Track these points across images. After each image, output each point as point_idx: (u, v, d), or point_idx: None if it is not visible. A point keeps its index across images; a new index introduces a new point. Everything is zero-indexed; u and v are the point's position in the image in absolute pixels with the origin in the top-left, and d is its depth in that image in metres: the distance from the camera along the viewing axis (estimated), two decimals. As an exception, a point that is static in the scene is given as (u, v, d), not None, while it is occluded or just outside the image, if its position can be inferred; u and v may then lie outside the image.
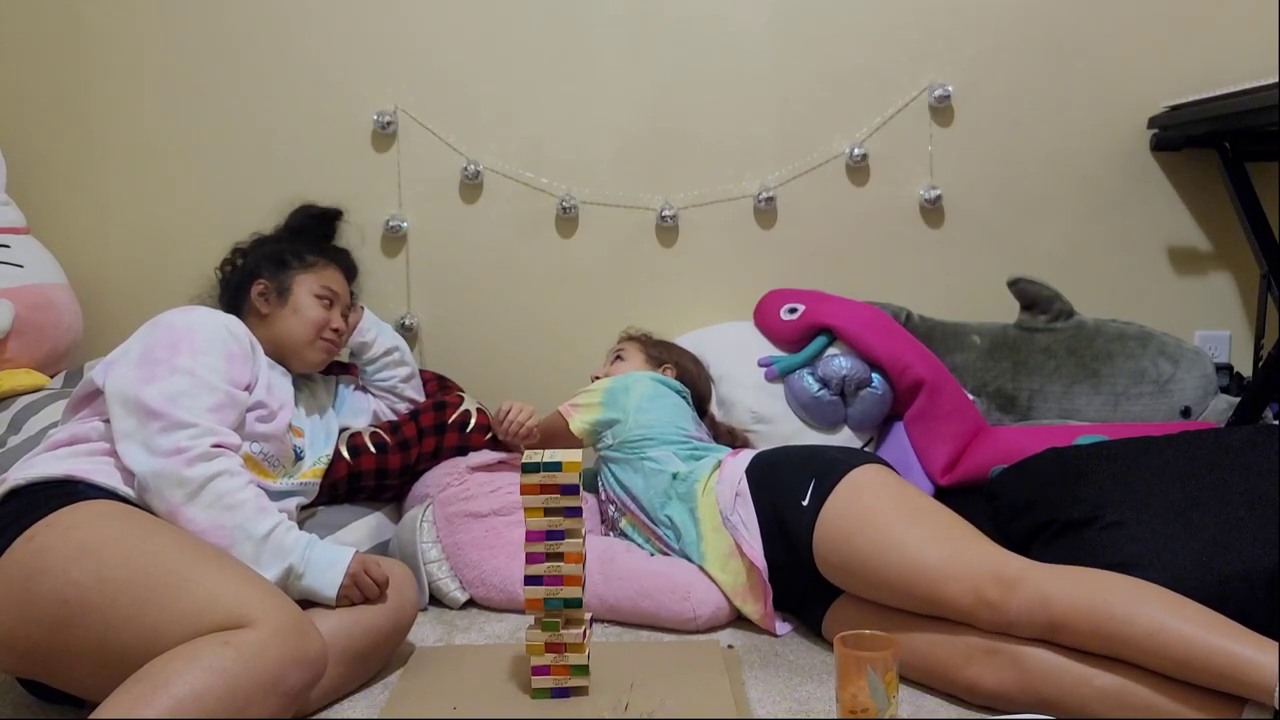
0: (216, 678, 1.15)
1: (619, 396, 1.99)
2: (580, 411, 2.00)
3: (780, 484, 1.67)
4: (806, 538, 1.58)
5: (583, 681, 1.41)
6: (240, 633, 1.20)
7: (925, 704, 1.44)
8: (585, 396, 2.02)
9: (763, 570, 1.67)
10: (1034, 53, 2.41)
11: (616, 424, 1.96)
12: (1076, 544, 1.54)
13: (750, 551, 1.68)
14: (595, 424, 1.98)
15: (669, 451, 1.90)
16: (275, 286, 1.80)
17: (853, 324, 2.17)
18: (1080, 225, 2.46)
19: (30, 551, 1.27)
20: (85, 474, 1.41)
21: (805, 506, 1.59)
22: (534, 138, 2.42)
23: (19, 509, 1.34)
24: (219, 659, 1.16)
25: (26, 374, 2.07)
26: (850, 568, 1.53)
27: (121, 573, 1.24)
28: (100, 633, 1.22)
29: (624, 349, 2.18)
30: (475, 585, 1.84)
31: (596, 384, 2.05)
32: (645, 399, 1.98)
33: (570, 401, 2.02)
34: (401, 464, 1.95)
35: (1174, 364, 2.23)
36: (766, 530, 1.68)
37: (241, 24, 2.37)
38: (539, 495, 1.37)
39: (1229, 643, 1.22)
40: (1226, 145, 2.31)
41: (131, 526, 1.31)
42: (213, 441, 1.45)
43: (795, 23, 2.40)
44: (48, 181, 2.39)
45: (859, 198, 2.45)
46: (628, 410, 1.96)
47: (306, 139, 2.40)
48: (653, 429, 1.93)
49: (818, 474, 1.62)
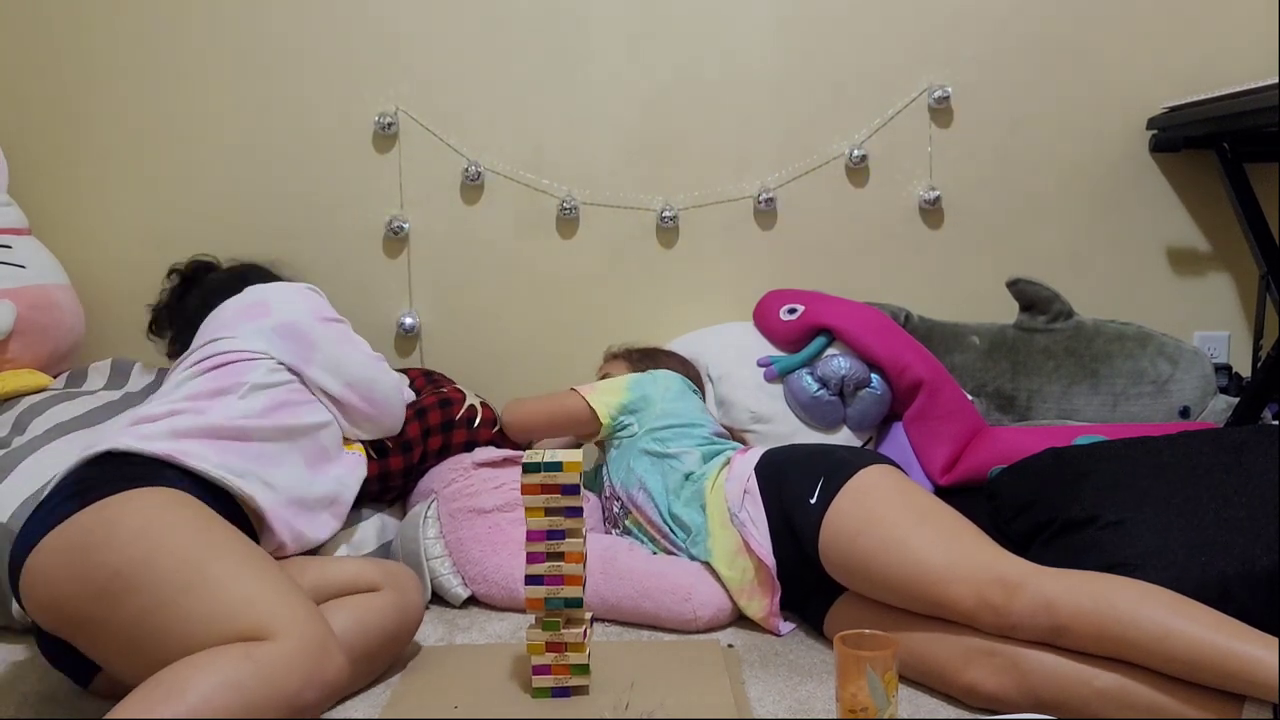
0: (231, 692, 1.16)
1: (646, 385, 1.98)
2: (602, 394, 1.96)
3: (788, 481, 1.68)
4: (813, 536, 1.59)
5: (583, 681, 1.41)
6: (263, 646, 1.21)
7: (925, 704, 1.44)
8: (606, 383, 2.00)
9: (771, 568, 1.67)
10: (1033, 54, 2.42)
11: (641, 411, 1.95)
12: (1075, 544, 1.55)
13: (758, 548, 1.68)
14: (621, 407, 1.95)
15: (691, 444, 1.89)
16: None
17: (852, 324, 2.17)
18: (1079, 226, 2.47)
19: (98, 520, 1.31)
20: (183, 455, 1.45)
21: (813, 505, 1.61)
22: (535, 139, 2.42)
23: (104, 475, 1.39)
24: (237, 672, 1.17)
25: (30, 374, 2.07)
26: (855, 567, 1.54)
27: (169, 560, 1.27)
28: (137, 613, 1.25)
29: (610, 370, 2.17)
30: (477, 582, 1.85)
31: (614, 378, 2.03)
32: (672, 390, 1.99)
33: (586, 387, 1.99)
34: (404, 465, 1.95)
35: (1173, 364, 2.23)
36: (774, 527, 1.69)
37: (243, 25, 2.38)
38: (540, 495, 1.38)
39: (1235, 642, 1.22)
40: (1225, 146, 2.32)
41: (194, 520, 1.35)
42: None
43: (795, 24, 2.41)
44: (50, 182, 2.40)
45: (858, 199, 2.46)
46: (653, 399, 1.96)
47: (308, 140, 2.41)
48: (681, 417, 1.93)
49: (826, 473, 1.63)
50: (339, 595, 1.48)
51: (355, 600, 1.47)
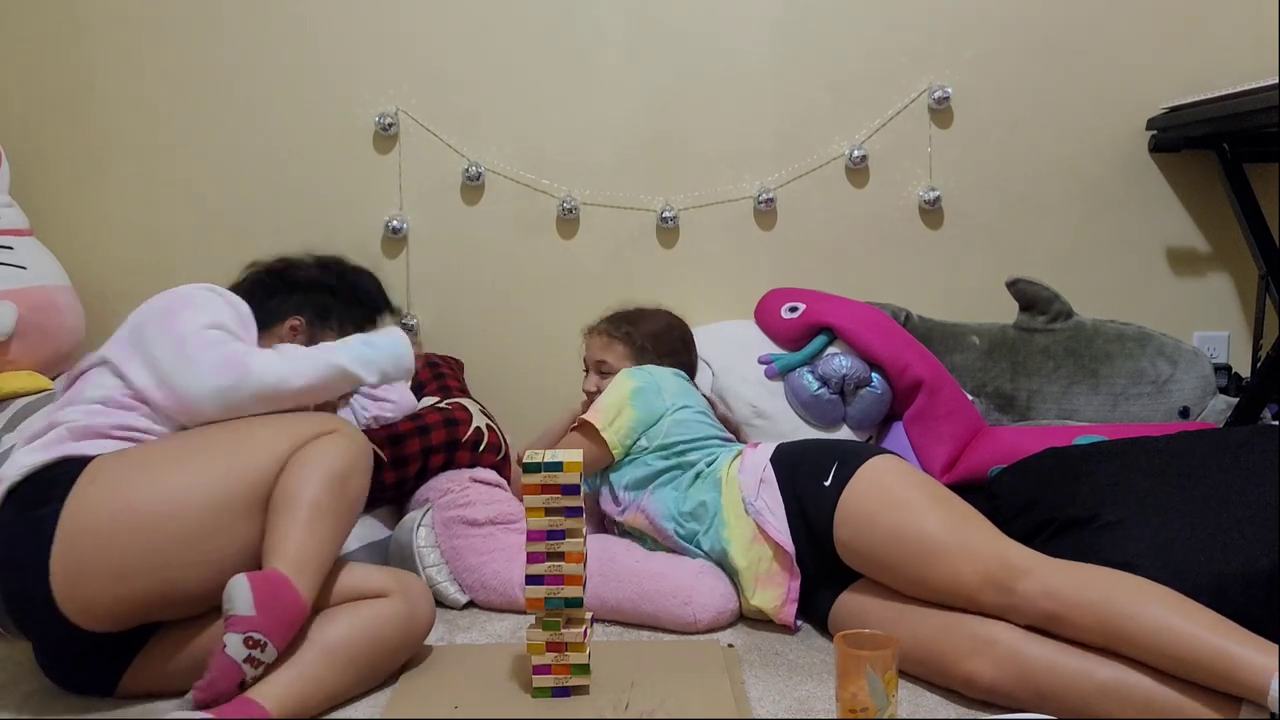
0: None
1: (651, 399, 1.90)
2: (610, 422, 1.87)
3: (802, 468, 1.72)
4: (828, 517, 1.62)
5: (583, 681, 1.42)
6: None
7: (925, 703, 1.44)
8: (610, 405, 1.88)
9: (791, 552, 1.68)
10: (1033, 54, 2.42)
11: (651, 427, 1.88)
12: (1075, 543, 1.55)
13: (776, 534, 1.70)
14: (630, 431, 1.87)
15: (700, 455, 1.86)
16: (306, 333, 1.83)
17: (853, 323, 2.17)
18: (1079, 226, 2.47)
19: (87, 506, 1.38)
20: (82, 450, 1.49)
21: (828, 486, 1.65)
22: (535, 139, 2.42)
23: (37, 492, 1.41)
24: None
25: (29, 376, 2.07)
26: (866, 547, 1.57)
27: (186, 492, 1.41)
28: (174, 534, 1.39)
29: (604, 360, 2.04)
30: (475, 589, 1.85)
31: (616, 391, 1.91)
32: (678, 396, 1.92)
33: (586, 417, 1.88)
34: (396, 479, 1.93)
35: (1172, 364, 2.23)
36: (789, 515, 1.71)
37: (243, 26, 2.38)
38: (540, 495, 1.38)
39: (1229, 644, 1.24)
40: (1225, 146, 2.32)
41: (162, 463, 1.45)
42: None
43: (795, 24, 2.41)
44: (51, 183, 2.40)
45: (859, 199, 2.46)
46: (658, 410, 1.89)
47: (308, 140, 2.41)
48: (689, 431, 1.88)
49: (841, 458, 1.68)
50: (348, 600, 1.47)
51: (365, 606, 1.47)
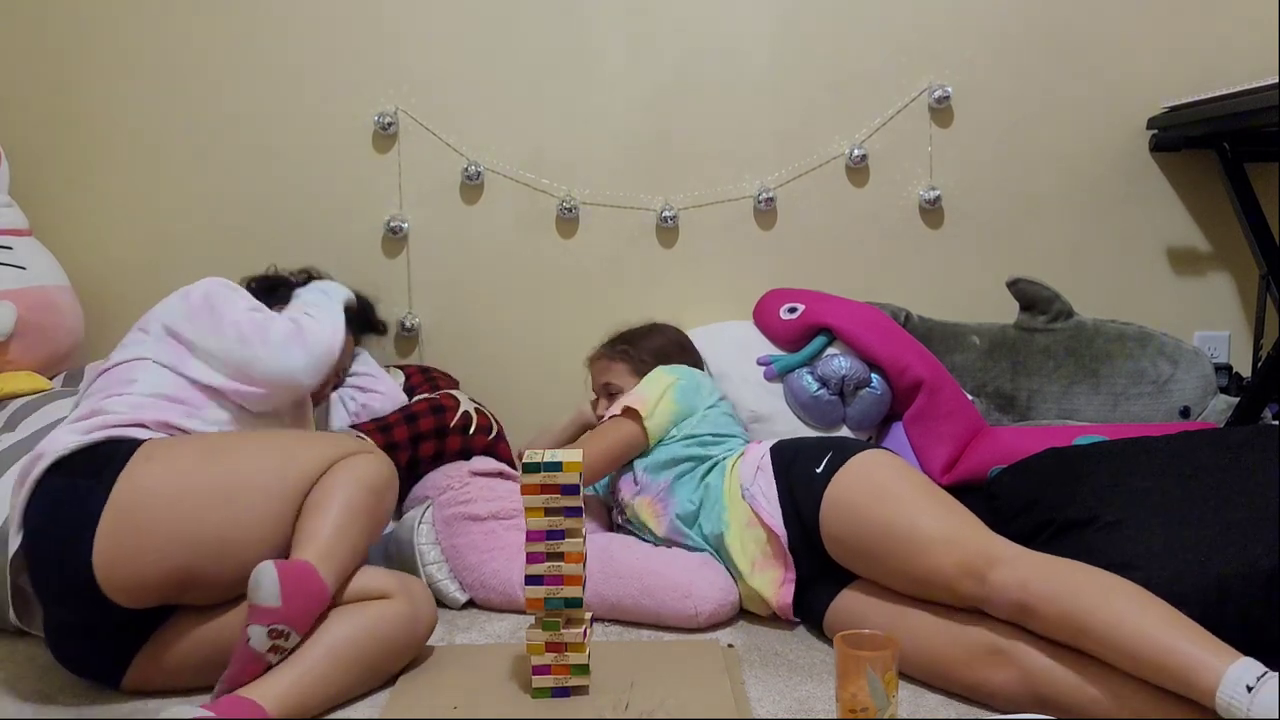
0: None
1: (690, 394, 1.97)
2: (652, 412, 1.92)
3: (798, 459, 1.74)
4: (815, 503, 1.63)
5: (583, 681, 1.42)
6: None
7: (925, 703, 1.44)
8: (650, 392, 1.95)
9: (782, 536, 1.69)
10: (1033, 53, 2.42)
11: (685, 420, 1.95)
12: (1075, 544, 1.55)
13: (768, 518, 1.71)
14: (670, 422, 1.94)
15: (722, 448, 1.91)
16: None
17: (852, 324, 2.17)
18: (1080, 226, 2.47)
19: (136, 487, 1.43)
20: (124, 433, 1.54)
21: (818, 474, 1.66)
22: (534, 138, 2.42)
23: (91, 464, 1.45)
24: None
25: (28, 377, 2.07)
26: (850, 535, 1.58)
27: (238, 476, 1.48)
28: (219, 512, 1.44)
29: (609, 382, 2.11)
30: (475, 588, 1.85)
31: (657, 383, 1.97)
32: (713, 394, 2.01)
33: (628, 403, 1.93)
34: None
35: (1173, 364, 2.23)
36: (782, 501, 1.72)
37: (242, 25, 2.37)
38: (539, 495, 1.38)
39: (1185, 644, 1.22)
40: (1225, 146, 2.32)
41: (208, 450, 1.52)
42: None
43: (795, 23, 2.41)
44: (50, 183, 2.40)
45: (859, 198, 2.45)
46: (696, 407, 1.96)
47: (307, 140, 2.41)
48: (719, 424, 1.95)
49: (835, 449, 1.70)
50: (351, 600, 1.47)
51: (368, 607, 1.47)
